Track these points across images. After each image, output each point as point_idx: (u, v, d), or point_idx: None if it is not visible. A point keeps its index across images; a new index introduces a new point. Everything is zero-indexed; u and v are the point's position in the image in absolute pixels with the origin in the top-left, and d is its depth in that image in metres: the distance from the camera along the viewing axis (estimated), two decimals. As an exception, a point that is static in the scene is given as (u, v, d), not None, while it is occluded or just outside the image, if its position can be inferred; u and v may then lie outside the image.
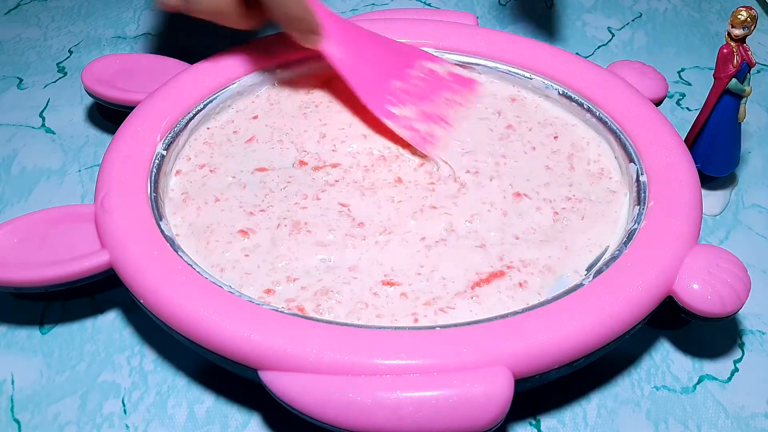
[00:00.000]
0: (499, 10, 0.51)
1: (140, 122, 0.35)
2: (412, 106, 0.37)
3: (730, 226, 0.37)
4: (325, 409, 0.25)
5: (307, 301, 0.29)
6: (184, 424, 0.29)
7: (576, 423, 0.29)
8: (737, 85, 0.33)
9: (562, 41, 0.48)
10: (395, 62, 0.38)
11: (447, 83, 0.38)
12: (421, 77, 0.38)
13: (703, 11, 0.51)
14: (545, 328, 0.26)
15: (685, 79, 0.46)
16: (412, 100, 0.37)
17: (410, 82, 0.38)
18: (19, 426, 0.29)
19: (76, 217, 0.31)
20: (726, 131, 0.35)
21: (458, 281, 0.30)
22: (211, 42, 0.48)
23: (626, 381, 0.31)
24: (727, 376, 0.31)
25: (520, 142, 0.36)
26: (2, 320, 0.33)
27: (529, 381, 0.26)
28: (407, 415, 0.24)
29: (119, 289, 0.30)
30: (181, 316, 0.27)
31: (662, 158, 0.33)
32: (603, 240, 0.31)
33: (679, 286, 0.28)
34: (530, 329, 0.26)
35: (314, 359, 0.25)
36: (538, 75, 0.38)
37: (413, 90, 0.37)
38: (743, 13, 0.31)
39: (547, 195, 0.33)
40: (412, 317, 0.29)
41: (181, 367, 0.31)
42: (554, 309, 0.27)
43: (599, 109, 0.36)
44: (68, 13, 0.51)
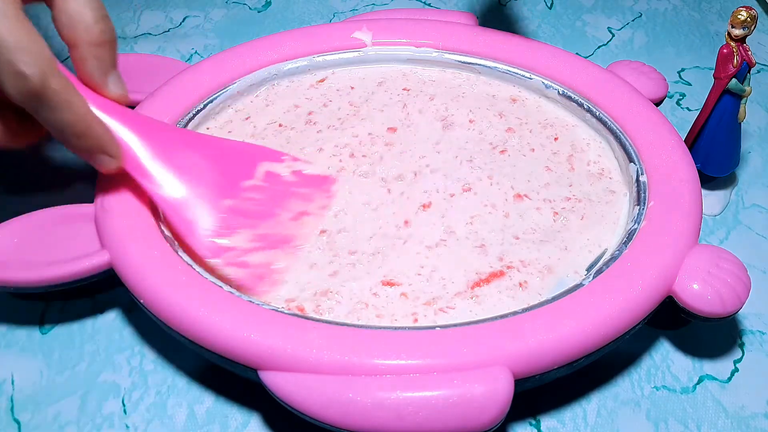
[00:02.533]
0: (499, 10, 0.51)
1: (140, 122, 0.35)
2: (245, 231, 0.30)
3: (730, 226, 0.37)
4: (325, 409, 0.25)
5: (307, 301, 0.29)
6: (184, 424, 0.29)
7: (576, 423, 0.29)
8: (737, 85, 0.33)
9: (562, 41, 0.48)
10: (226, 175, 0.31)
11: (293, 189, 0.32)
12: (261, 187, 0.31)
13: (703, 11, 0.51)
14: (545, 328, 0.26)
15: (685, 79, 0.46)
16: (245, 223, 0.30)
17: (245, 198, 0.30)
18: (19, 426, 0.29)
19: (76, 217, 0.31)
20: (726, 131, 0.35)
21: (458, 281, 0.30)
22: (211, 42, 0.48)
23: (626, 381, 0.31)
24: (727, 376, 0.31)
25: (519, 144, 0.36)
26: (2, 320, 0.33)
27: (529, 381, 0.26)
28: (407, 415, 0.24)
29: (119, 289, 0.30)
30: (181, 316, 0.27)
31: (662, 158, 0.33)
32: (603, 240, 0.31)
33: (679, 286, 0.28)
34: (530, 329, 0.26)
35: (314, 359, 0.25)
36: (538, 75, 0.38)
37: (249, 208, 0.30)
38: (743, 13, 0.31)
39: (547, 195, 0.33)
40: (412, 317, 0.29)
41: (181, 367, 0.31)
42: (554, 309, 0.27)
43: (599, 109, 0.36)
44: (68, 13, 0.51)
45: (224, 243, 0.29)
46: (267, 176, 0.31)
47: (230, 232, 0.29)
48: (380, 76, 0.40)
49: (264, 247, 0.30)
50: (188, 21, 0.50)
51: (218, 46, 0.48)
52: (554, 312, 0.27)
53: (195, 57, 0.47)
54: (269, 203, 0.31)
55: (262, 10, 0.51)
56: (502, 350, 0.26)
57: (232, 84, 0.38)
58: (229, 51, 0.39)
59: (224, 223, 0.30)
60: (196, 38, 0.49)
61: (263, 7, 0.51)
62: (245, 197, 0.30)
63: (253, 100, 0.39)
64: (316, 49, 0.40)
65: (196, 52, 0.47)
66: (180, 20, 0.50)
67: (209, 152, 0.31)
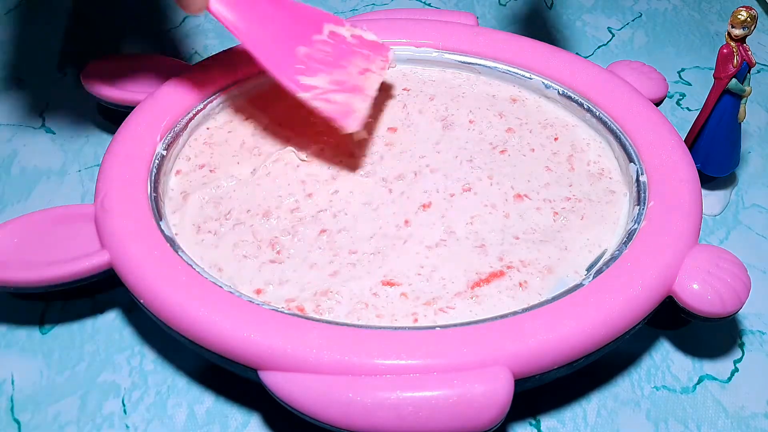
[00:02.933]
0: (499, 10, 0.51)
1: (140, 122, 0.35)
2: (323, 75, 0.33)
3: (730, 226, 0.37)
4: (325, 409, 0.25)
5: (307, 301, 0.29)
6: (184, 424, 0.29)
7: (576, 423, 0.29)
8: (737, 85, 0.33)
9: (562, 41, 0.48)
10: (299, 26, 0.34)
11: (356, 48, 0.35)
12: (329, 42, 0.34)
13: (703, 11, 0.51)
14: (545, 328, 0.26)
15: (685, 79, 0.46)
16: (322, 69, 0.33)
17: (317, 48, 0.34)
18: (19, 426, 0.29)
19: (76, 217, 0.31)
20: (726, 131, 0.35)
21: (458, 281, 0.30)
22: (211, 42, 0.48)
23: (626, 381, 0.31)
24: (727, 376, 0.31)
25: (519, 144, 0.36)
26: (2, 320, 0.33)
27: (529, 381, 0.26)
28: (407, 415, 0.24)
29: (119, 289, 0.30)
30: (181, 316, 0.27)
31: (662, 158, 0.33)
32: (603, 240, 0.31)
33: (679, 286, 0.28)
34: (530, 329, 0.26)
35: (314, 359, 0.25)
36: (538, 75, 0.38)
37: (322, 57, 0.33)
38: (743, 13, 0.31)
39: (547, 195, 0.33)
40: (411, 317, 0.29)
41: (181, 367, 0.31)
42: (554, 309, 0.27)
43: (599, 109, 0.36)
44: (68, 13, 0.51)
45: (308, 81, 0.32)
46: (332, 35, 0.34)
47: (311, 73, 0.32)
48: (380, 76, 0.40)
49: (341, 90, 0.33)
50: (188, 21, 0.50)
51: (218, 46, 0.48)
52: (554, 312, 0.27)
53: (195, 57, 0.47)
54: (338, 56, 0.34)
55: (262, 10, 0.51)
56: (502, 350, 0.26)
57: (232, 84, 0.38)
58: (229, 51, 0.39)
59: (305, 65, 0.32)
60: (196, 38, 0.49)
61: (263, 7, 0.51)
62: (317, 48, 0.33)
63: (253, 100, 0.39)
64: (316, 49, 0.39)
65: (196, 52, 0.47)
66: (180, 20, 0.50)
67: (280, 7, 0.34)
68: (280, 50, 0.32)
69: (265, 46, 0.32)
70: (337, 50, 0.34)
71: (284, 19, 0.33)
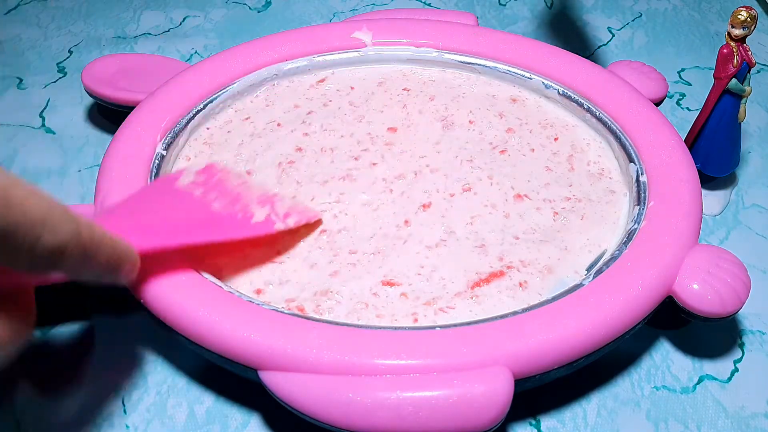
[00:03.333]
0: (499, 10, 0.51)
1: (140, 122, 0.35)
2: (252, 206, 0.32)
3: (730, 226, 0.37)
4: (325, 409, 0.25)
5: (306, 301, 0.29)
6: (184, 424, 0.29)
7: (576, 423, 0.29)
8: (737, 85, 0.33)
9: (562, 41, 0.48)
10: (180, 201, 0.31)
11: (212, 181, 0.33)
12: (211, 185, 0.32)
13: (703, 11, 0.51)
14: (545, 328, 0.26)
15: (685, 79, 0.46)
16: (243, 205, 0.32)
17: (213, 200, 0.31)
18: (19, 426, 0.29)
19: (76, 217, 0.31)
20: (726, 131, 0.35)
21: (458, 281, 0.30)
22: (211, 42, 0.49)
23: (626, 381, 0.31)
24: (727, 376, 0.31)
25: (519, 144, 0.36)
26: (2, 320, 0.33)
27: (529, 381, 0.26)
28: (407, 415, 0.24)
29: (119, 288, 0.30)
30: (181, 316, 0.27)
31: (662, 158, 0.33)
32: (603, 240, 0.31)
33: (679, 286, 0.28)
34: (530, 329, 0.26)
35: (314, 359, 0.25)
36: (538, 75, 0.38)
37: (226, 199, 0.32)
38: (743, 13, 0.31)
39: (547, 195, 0.33)
40: (412, 317, 0.29)
41: (181, 367, 0.31)
42: (554, 309, 0.27)
43: (599, 109, 0.36)
44: (68, 13, 0.51)
45: (259, 219, 0.31)
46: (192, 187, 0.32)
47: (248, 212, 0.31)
48: (380, 76, 0.40)
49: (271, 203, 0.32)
50: (188, 21, 0.50)
51: (218, 46, 0.48)
52: (554, 312, 0.27)
53: (195, 57, 0.47)
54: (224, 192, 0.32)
55: (262, 10, 0.51)
56: (502, 350, 0.26)
57: (232, 84, 0.38)
58: (229, 51, 0.39)
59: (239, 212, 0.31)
60: (196, 38, 0.49)
61: (263, 7, 0.51)
62: (211, 199, 0.31)
63: (253, 100, 0.39)
64: (316, 49, 0.40)
65: (196, 52, 0.47)
66: (180, 20, 0.50)
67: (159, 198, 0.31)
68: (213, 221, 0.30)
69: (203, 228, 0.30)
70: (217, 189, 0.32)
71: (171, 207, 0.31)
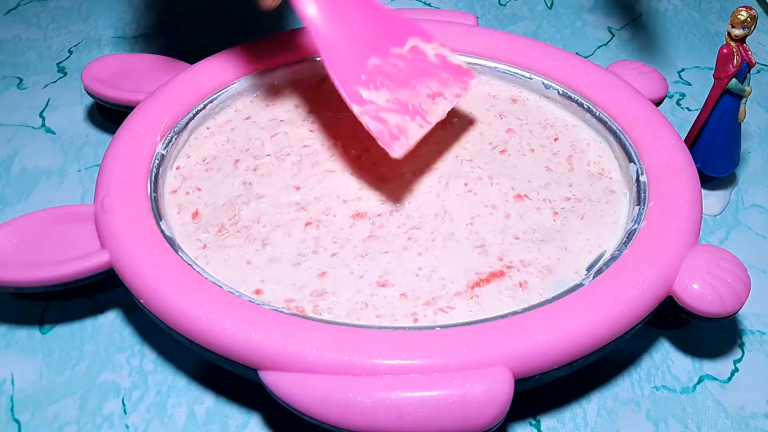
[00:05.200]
0: (499, 10, 0.51)
1: (140, 122, 0.35)
2: (386, 91, 0.31)
3: (730, 226, 0.37)
4: (325, 409, 0.25)
5: (306, 302, 0.29)
6: (184, 424, 0.29)
7: (576, 423, 0.29)
8: (737, 85, 0.33)
9: (562, 41, 0.48)
10: (380, 35, 0.32)
11: (434, 70, 0.33)
12: (405, 58, 0.32)
13: (703, 11, 0.51)
14: (545, 328, 0.26)
15: (685, 79, 0.46)
16: (387, 84, 0.31)
17: (390, 62, 0.32)
18: (19, 426, 0.29)
19: (76, 217, 0.31)
20: (726, 131, 0.35)
21: (458, 281, 0.30)
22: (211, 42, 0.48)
23: (626, 381, 0.31)
24: (727, 376, 0.31)
25: (519, 144, 0.36)
26: (2, 320, 0.33)
27: (529, 381, 0.26)
28: (407, 415, 0.24)
29: (119, 289, 0.30)
30: (181, 316, 0.27)
31: (662, 158, 0.33)
32: (603, 240, 0.31)
33: (679, 286, 0.28)
34: (530, 329, 0.26)
35: (314, 359, 0.25)
36: (538, 75, 0.38)
37: (391, 72, 0.32)
38: (743, 13, 0.31)
39: (547, 195, 0.33)
40: (411, 317, 0.29)
41: (181, 367, 0.31)
42: (554, 309, 0.27)
43: (599, 109, 0.36)
44: (68, 13, 0.51)
45: (365, 95, 0.30)
46: (413, 50, 0.32)
47: (372, 87, 0.31)
48: (380, 76, 0.40)
49: (399, 111, 0.31)
50: (188, 21, 0.50)
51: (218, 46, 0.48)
52: (554, 312, 0.27)
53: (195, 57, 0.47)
54: (411, 74, 0.32)
55: (262, 10, 0.51)
56: (502, 350, 0.26)
57: (232, 84, 0.38)
58: (229, 51, 0.39)
59: (369, 77, 0.31)
60: (196, 38, 0.49)
61: (263, 7, 0.51)
62: (391, 62, 0.32)
63: (253, 100, 0.39)
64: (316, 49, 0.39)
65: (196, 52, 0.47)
66: (180, 20, 0.50)
67: (368, 11, 0.32)
68: (350, 57, 0.31)
69: (335, 49, 0.30)
70: (412, 68, 0.32)
71: (367, 24, 0.32)
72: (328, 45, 0.31)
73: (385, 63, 0.31)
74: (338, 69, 0.30)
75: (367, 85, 0.30)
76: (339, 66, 0.30)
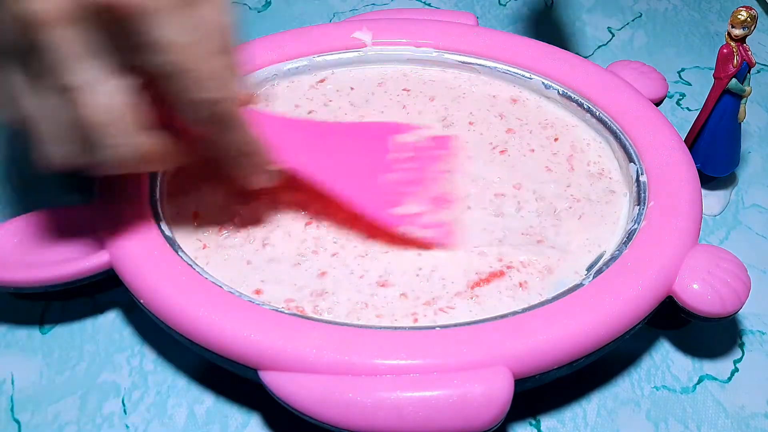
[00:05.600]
0: (499, 10, 0.51)
1: (140, 122, 0.35)
2: (412, 199, 0.32)
3: (730, 226, 0.37)
4: (325, 409, 0.25)
5: (306, 302, 0.29)
6: (184, 424, 0.29)
7: (576, 423, 0.29)
8: (737, 85, 0.33)
9: (562, 41, 0.48)
10: (371, 151, 0.33)
11: (430, 153, 0.34)
12: (400, 159, 0.33)
13: (703, 11, 0.51)
14: (545, 328, 0.26)
15: (685, 79, 0.46)
16: (406, 192, 0.32)
17: (398, 169, 0.32)
18: (19, 426, 0.29)
19: (76, 217, 0.31)
20: (726, 131, 0.35)
21: (458, 281, 0.30)
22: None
23: (626, 381, 0.31)
24: (727, 376, 0.31)
25: (520, 145, 0.36)
26: (2, 320, 0.33)
27: (529, 381, 0.26)
28: (407, 415, 0.24)
29: (119, 289, 0.30)
30: (181, 316, 0.27)
31: (662, 158, 0.33)
32: (603, 240, 0.31)
33: (679, 286, 0.28)
34: (530, 329, 0.26)
35: (314, 359, 0.25)
36: (538, 75, 0.38)
37: (402, 178, 0.32)
38: (743, 13, 0.31)
39: (547, 195, 0.33)
40: (411, 317, 0.29)
41: (181, 367, 0.31)
42: (554, 309, 0.27)
43: (599, 109, 0.36)
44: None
45: (401, 212, 0.31)
46: (402, 147, 0.33)
47: (401, 201, 0.31)
48: (380, 76, 0.40)
49: (434, 207, 0.32)
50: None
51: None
52: (554, 312, 0.27)
53: (195, 57, 0.47)
54: (417, 169, 0.33)
55: (262, 10, 0.51)
56: (502, 350, 0.26)
57: (232, 84, 0.38)
58: (229, 51, 0.39)
59: (389, 195, 0.32)
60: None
61: (263, 7, 0.51)
62: (398, 168, 0.32)
63: (253, 100, 0.39)
64: (316, 49, 0.39)
65: (196, 52, 0.47)
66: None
67: (348, 138, 0.33)
68: (368, 188, 0.31)
69: (355, 191, 0.31)
70: (414, 161, 0.33)
71: (358, 154, 0.32)
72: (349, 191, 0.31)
73: (395, 174, 0.32)
74: (369, 205, 0.31)
75: (396, 203, 0.31)
76: (368, 202, 0.31)
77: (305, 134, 0.32)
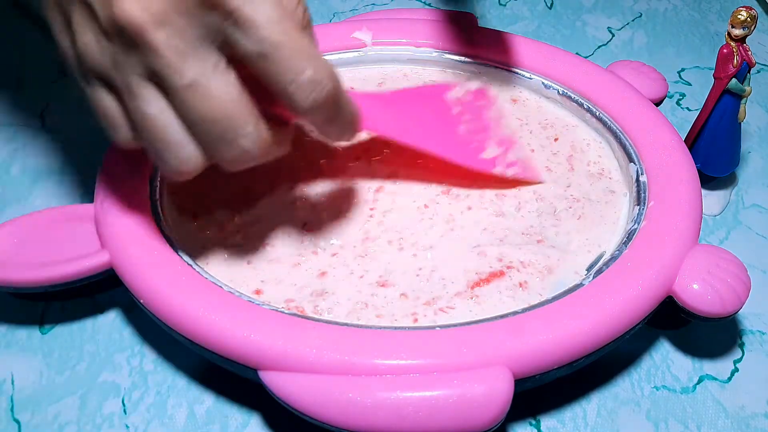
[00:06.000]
0: (499, 10, 0.51)
1: (140, 122, 0.35)
2: (490, 142, 0.34)
3: (730, 226, 0.37)
4: (325, 409, 0.25)
5: (306, 302, 0.29)
6: (184, 424, 0.29)
7: (576, 423, 0.29)
8: (737, 85, 0.33)
9: (562, 41, 0.48)
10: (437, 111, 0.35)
11: (476, 104, 0.36)
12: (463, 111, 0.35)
13: (703, 11, 0.51)
14: (545, 328, 0.26)
15: (685, 79, 0.46)
16: (483, 137, 0.34)
17: (464, 121, 0.35)
18: (19, 426, 0.29)
19: (76, 217, 0.31)
20: (726, 131, 0.35)
21: (458, 281, 0.30)
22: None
23: (626, 381, 0.31)
24: (727, 376, 0.31)
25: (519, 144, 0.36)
26: (2, 320, 0.33)
27: (529, 381, 0.26)
28: (407, 415, 0.24)
29: (119, 289, 0.30)
30: (181, 316, 0.27)
31: (662, 158, 0.33)
32: (603, 240, 0.31)
33: (679, 286, 0.28)
34: (530, 329, 0.26)
35: (314, 359, 0.25)
36: (538, 75, 0.38)
37: (473, 127, 0.34)
38: (743, 13, 0.31)
39: (547, 195, 0.33)
40: (411, 317, 0.29)
41: (181, 367, 0.31)
42: (554, 309, 0.27)
43: (599, 109, 0.36)
44: (68, 13, 0.51)
45: (486, 155, 0.33)
46: (454, 103, 0.35)
47: (483, 147, 0.34)
48: (380, 76, 0.40)
49: (505, 149, 0.34)
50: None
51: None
52: (554, 312, 0.27)
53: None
54: (478, 119, 0.35)
55: (262, 10, 0.51)
56: (502, 350, 0.26)
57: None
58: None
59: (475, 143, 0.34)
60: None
61: (263, 7, 0.51)
62: (463, 120, 0.35)
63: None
64: (316, 49, 0.39)
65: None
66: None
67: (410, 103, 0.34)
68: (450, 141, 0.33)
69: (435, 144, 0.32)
70: (474, 113, 0.35)
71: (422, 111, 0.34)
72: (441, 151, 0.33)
73: (464, 125, 0.34)
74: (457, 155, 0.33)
75: (480, 150, 0.33)
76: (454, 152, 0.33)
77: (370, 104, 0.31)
